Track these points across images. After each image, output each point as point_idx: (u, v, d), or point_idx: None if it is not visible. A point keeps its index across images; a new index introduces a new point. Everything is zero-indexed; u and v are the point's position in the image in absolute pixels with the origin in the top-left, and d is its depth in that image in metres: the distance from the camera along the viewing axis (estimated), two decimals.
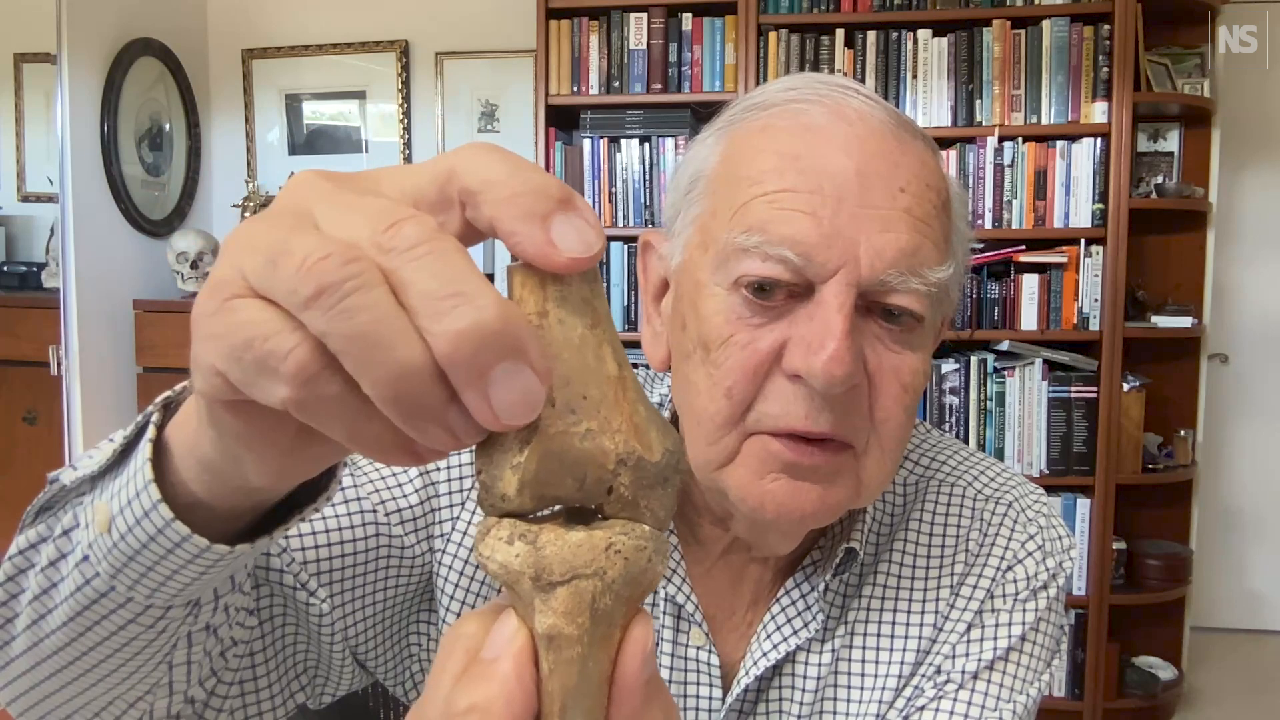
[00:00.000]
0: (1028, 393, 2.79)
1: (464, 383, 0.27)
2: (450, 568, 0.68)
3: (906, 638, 0.69)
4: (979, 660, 0.68)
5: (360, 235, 0.27)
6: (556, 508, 0.32)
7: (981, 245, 2.78)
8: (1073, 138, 2.77)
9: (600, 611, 0.30)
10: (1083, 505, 2.78)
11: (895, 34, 2.83)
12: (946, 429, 2.82)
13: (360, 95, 3.52)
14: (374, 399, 0.27)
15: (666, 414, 0.71)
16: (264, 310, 0.27)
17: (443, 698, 0.31)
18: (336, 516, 0.64)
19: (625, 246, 2.95)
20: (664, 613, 0.69)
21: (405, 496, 0.67)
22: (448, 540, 0.68)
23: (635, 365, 0.75)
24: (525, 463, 0.30)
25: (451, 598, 0.68)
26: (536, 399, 0.28)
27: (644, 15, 2.92)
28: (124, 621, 0.45)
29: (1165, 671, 2.92)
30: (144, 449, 0.40)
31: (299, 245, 0.27)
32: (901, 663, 0.69)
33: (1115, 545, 2.84)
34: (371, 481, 0.66)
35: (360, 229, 0.27)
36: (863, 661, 0.69)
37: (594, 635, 0.31)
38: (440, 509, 0.68)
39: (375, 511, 0.65)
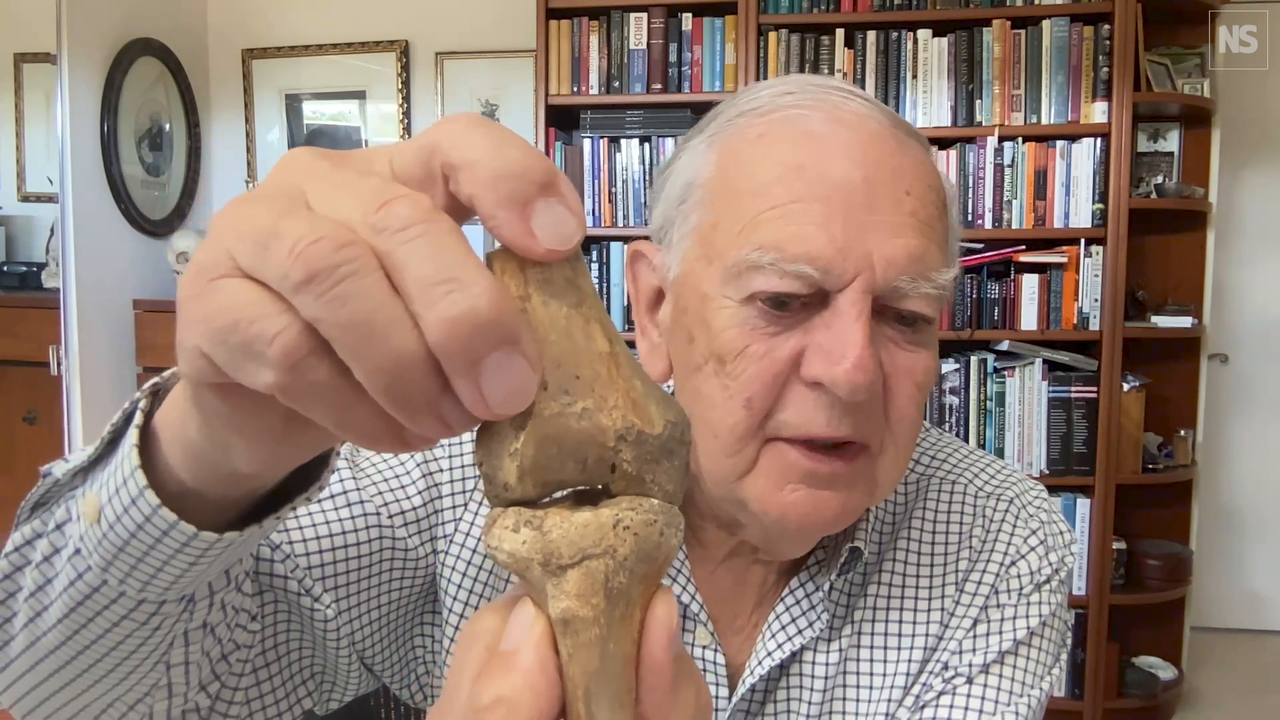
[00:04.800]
0: (1028, 393, 2.79)
1: (457, 371, 0.26)
2: (453, 569, 0.68)
3: (914, 635, 0.69)
4: (986, 654, 0.69)
5: (353, 215, 0.26)
6: (564, 492, 0.32)
7: (981, 245, 2.79)
8: (1073, 138, 2.77)
9: (615, 591, 0.30)
10: (1083, 505, 2.78)
11: (895, 34, 2.83)
12: (947, 429, 2.82)
13: (360, 95, 3.52)
14: (367, 387, 0.26)
15: None
16: (252, 291, 0.26)
17: (465, 696, 0.30)
18: (340, 520, 0.63)
19: (626, 246, 2.94)
20: None
21: (409, 498, 0.66)
22: (450, 541, 0.68)
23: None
24: (523, 449, 0.29)
25: (454, 599, 0.68)
26: (529, 388, 0.28)
27: (644, 15, 2.92)
28: (118, 617, 0.44)
29: (1165, 671, 2.92)
30: (131, 435, 0.39)
31: (290, 228, 0.26)
32: (909, 660, 0.69)
33: (1115, 545, 2.84)
34: (374, 484, 0.66)
35: (353, 209, 0.26)
36: (870, 660, 0.69)
37: (611, 616, 0.30)
38: (443, 510, 0.68)
39: (379, 514, 0.65)
